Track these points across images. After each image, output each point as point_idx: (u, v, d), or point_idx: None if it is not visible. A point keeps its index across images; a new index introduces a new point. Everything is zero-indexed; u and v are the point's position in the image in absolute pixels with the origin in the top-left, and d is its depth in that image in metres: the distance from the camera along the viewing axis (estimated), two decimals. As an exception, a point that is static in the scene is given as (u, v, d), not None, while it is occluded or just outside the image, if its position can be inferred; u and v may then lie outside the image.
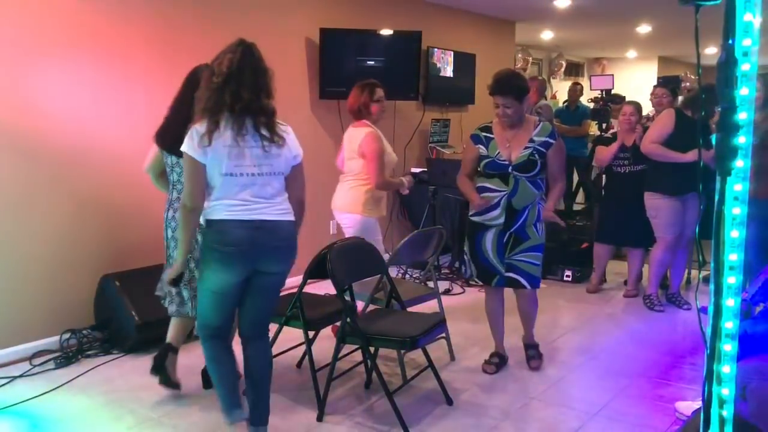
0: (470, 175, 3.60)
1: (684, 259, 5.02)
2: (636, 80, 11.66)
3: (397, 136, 6.30)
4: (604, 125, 7.50)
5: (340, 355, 3.20)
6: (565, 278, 5.65)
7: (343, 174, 4.08)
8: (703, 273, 4.93)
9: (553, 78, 11.58)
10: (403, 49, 5.86)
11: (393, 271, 4.28)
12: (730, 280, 1.58)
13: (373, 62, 5.70)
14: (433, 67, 6.58)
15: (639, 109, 5.21)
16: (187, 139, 2.50)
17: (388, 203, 6.35)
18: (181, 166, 2.78)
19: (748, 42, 1.46)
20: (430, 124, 6.64)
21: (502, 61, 7.31)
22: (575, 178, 8.01)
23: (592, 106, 8.37)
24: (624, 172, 5.12)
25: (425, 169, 4.39)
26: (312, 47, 5.44)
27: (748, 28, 1.46)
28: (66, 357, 3.76)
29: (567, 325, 4.55)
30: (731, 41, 1.46)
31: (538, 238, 3.52)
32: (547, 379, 3.51)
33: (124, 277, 3.98)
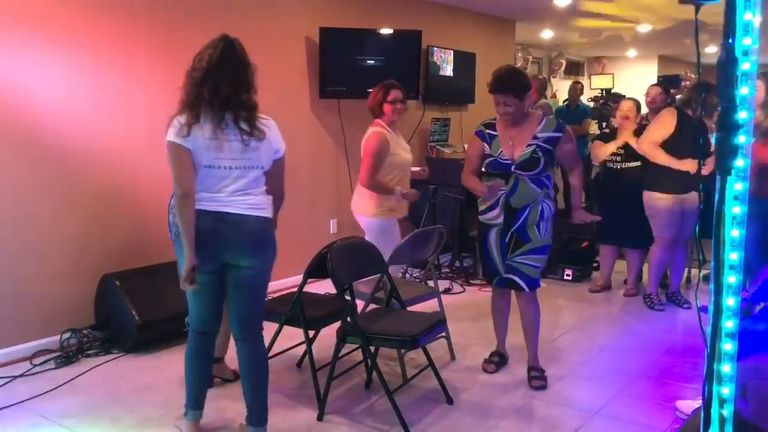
0: (475, 172, 3.54)
1: (683, 258, 5.03)
2: (636, 79, 11.65)
3: (397, 136, 6.30)
4: (604, 124, 7.50)
5: (340, 355, 3.20)
6: (566, 277, 5.65)
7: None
8: (703, 272, 4.94)
9: (553, 77, 11.57)
10: (402, 49, 5.85)
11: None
12: (730, 279, 1.59)
13: (373, 61, 5.70)
14: (433, 66, 6.58)
15: (638, 106, 5.20)
16: (170, 128, 2.55)
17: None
18: None
19: (748, 41, 1.46)
20: (430, 123, 6.64)
21: (502, 60, 7.25)
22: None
23: (592, 105, 8.37)
24: (617, 169, 5.12)
25: (424, 168, 4.38)
26: (312, 46, 5.44)
27: (748, 27, 1.46)
28: (66, 356, 3.77)
29: (567, 325, 4.55)
30: (731, 40, 1.46)
31: (539, 240, 3.42)
32: (548, 378, 3.51)
33: (124, 277, 3.98)
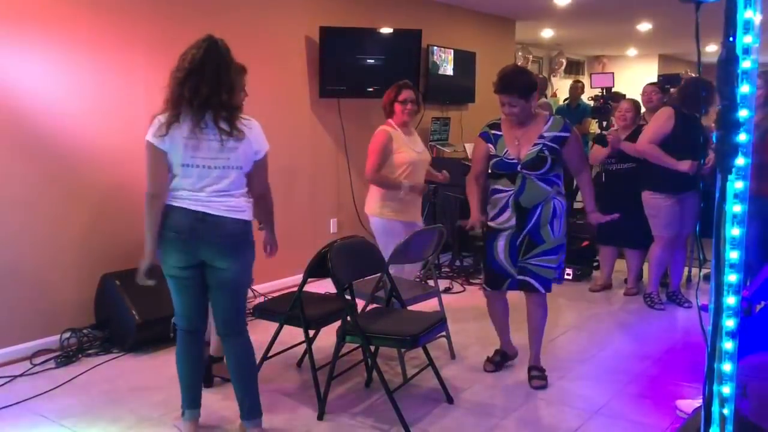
0: (479, 175, 3.48)
1: (683, 257, 5.02)
2: (636, 78, 11.63)
3: (397, 135, 6.29)
4: (604, 123, 7.49)
5: (340, 354, 3.20)
6: (566, 276, 5.64)
7: None
8: (704, 271, 4.94)
9: (554, 76, 11.56)
10: (403, 48, 5.85)
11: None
12: (731, 278, 1.58)
13: (373, 60, 5.69)
14: (433, 66, 6.57)
15: (637, 106, 5.19)
16: (150, 128, 2.59)
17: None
18: None
19: (748, 39, 1.46)
20: (430, 122, 6.64)
21: (502, 60, 7.28)
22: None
23: (592, 104, 8.35)
24: (613, 170, 5.14)
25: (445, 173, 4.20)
26: (312, 46, 5.44)
27: (749, 26, 1.45)
28: (66, 356, 3.77)
29: (567, 324, 4.55)
30: (732, 38, 1.45)
31: (553, 240, 3.34)
32: (548, 378, 3.50)
33: (124, 276, 3.97)
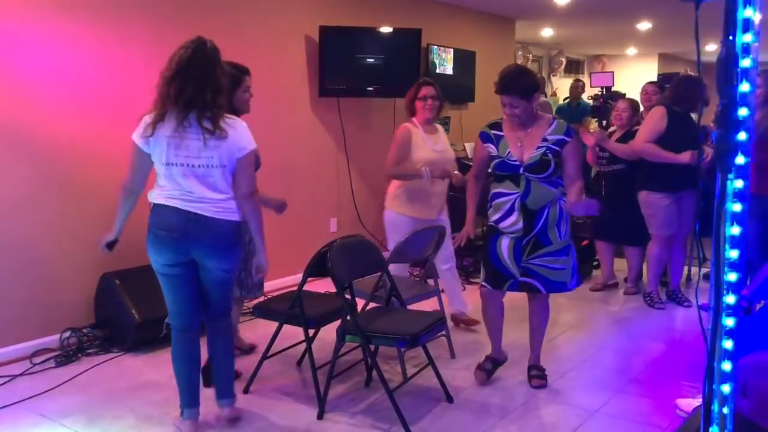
0: (479, 176, 3.44)
1: (683, 256, 5.01)
2: (636, 77, 11.63)
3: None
4: (603, 122, 7.50)
5: (340, 353, 3.20)
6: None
7: None
8: (704, 270, 4.94)
9: (553, 75, 11.56)
10: (402, 47, 5.85)
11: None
12: (730, 277, 1.58)
13: (373, 60, 5.69)
14: (433, 65, 6.57)
15: (634, 106, 5.19)
16: (137, 127, 2.67)
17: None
18: None
19: (748, 38, 1.46)
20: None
21: (502, 59, 7.28)
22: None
23: (592, 103, 8.36)
24: (605, 171, 5.15)
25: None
26: (311, 45, 5.44)
27: (749, 25, 1.45)
28: (66, 355, 3.77)
29: (567, 323, 4.55)
30: (731, 37, 1.45)
31: (560, 242, 3.25)
32: (548, 377, 3.50)
33: (124, 276, 3.97)
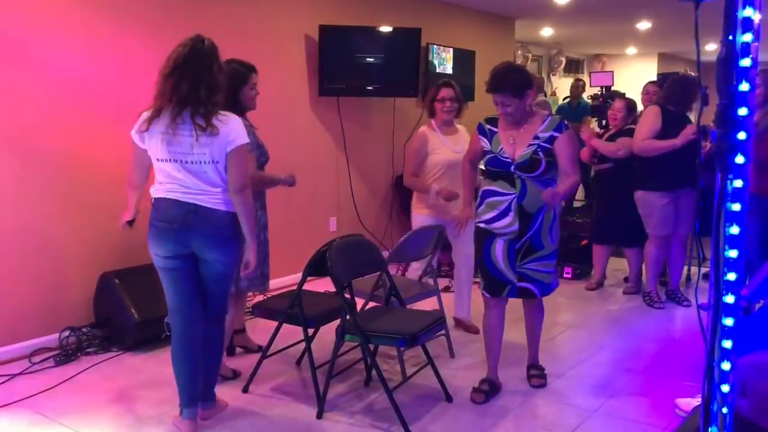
0: (474, 161, 3.41)
1: (682, 256, 5.00)
2: (636, 77, 11.63)
3: (396, 133, 6.29)
4: (603, 122, 7.49)
5: (339, 353, 3.20)
6: (565, 275, 5.64)
7: None
8: (703, 270, 4.93)
9: (553, 75, 11.56)
10: (402, 46, 5.85)
11: (392, 269, 4.28)
12: (730, 277, 1.58)
13: (373, 59, 5.69)
14: (433, 65, 6.57)
15: (629, 106, 5.19)
16: (136, 123, 2.74)
17: (388, 199, 6.36)
18: None
19: (748, 38, 1.45)
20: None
21: (501, 58, 7.18)
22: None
23: (591, 102, 8.36)
24: (596, 170, 5.20)
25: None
26: (311, 44, 5.43)
27: (748, 24, 1.45)
28: (65, 355, 3.76)
29: (566, 322, 4.55)
30: (731, 37, 1.45)
31: (551, 246, 3.23)
32: (547, 377, 3.50)
33: (123, 275, 3.97)
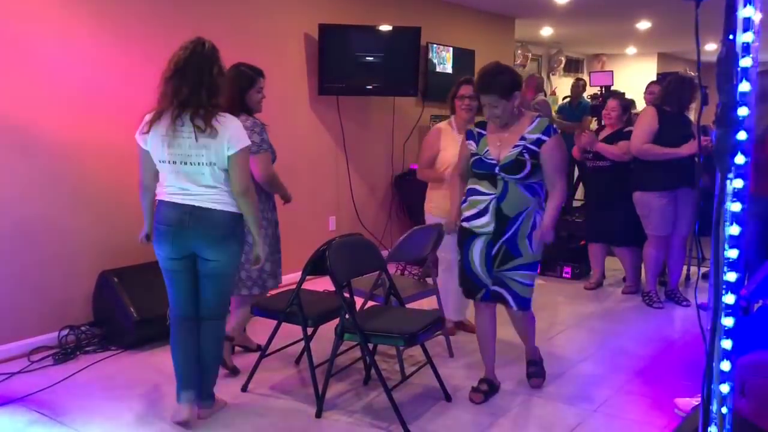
0: (463, 173, 3.31)
1: (682, 256, 5.00)
2: (636, 77, 11.64)
3: (396, 132, 6.29)
4: (602, 122, 7.49)
5: (338, 352, 3.20)
6: (564, 275, 5.65)
7: None
8: (702, 269, 4.94)
9: (553, 74, 11.56)
10: (402, 45, 5.84)
11: (392, 268, 4.29)
12: (730, 277, 1.58)
13: (372, 58, 5.69)
14: (432, 64, 6.57)
15: (624, 105, 5.18)
16: (139, 127, 2.81)
17: (387, 198, 6.36)
18: None
19: (748, 37, 1.45)
20: (429, 120, 6.63)
21: (501, 58, 7.23)
22: (575, 174, 8.00)
23: (591, 102, 8.36)
24: (591, 167, 5.16)
25: None
26: (311, 43, 5.43)
27: (749, 24, 1.45)
28: (64, 353, 3.76)
29: (565, 322, 4.55)
30: (731, 36, 1.45)
31: (530, 255, 3.10)
32: (546, 376, 3.51)
33: (122, 274, 3.97)
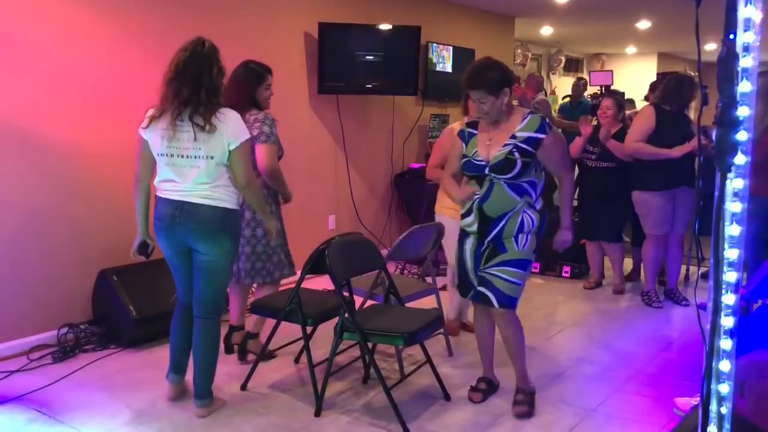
0: (455, 175, 3.19)
1: (679, 255, 4.98)
2: (635, 76, 11.64)
3: (395, 132, 6.29)
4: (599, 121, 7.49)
5: (338, 351, 3.20)
6: (564, 274, 5.65)
7: None
8: (702, 269, 4.94)
9: (553, 74, 11.56)
10: (402, 44, 5.84)
11: (391, 267, 4.29)
12: (729, 276, 1.58)
13: (372, 57, 5.69)
14: (432, 63, 6.57)
15: (618, 104, 5.18)
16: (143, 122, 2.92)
17: (387, 197, 6.36)
18: None
19: (749, 37, 1.45)
20: (429, 119, 6.63)
21: (501, 57, 7.17)
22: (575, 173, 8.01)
23: (591, 101, 8.36)
24: (592, 166, 5.13)
25: None
26: (311, 42, 5.43)
27: (749, 23, 1.45)
28: (63, 352, 3.76)
29: (565, 321, 4.55)
30: (732, 36, 1.45)
31: (517, 252, 2.98)
32: (545, 376, 3.51)
33: (122, 272, 3.97)
